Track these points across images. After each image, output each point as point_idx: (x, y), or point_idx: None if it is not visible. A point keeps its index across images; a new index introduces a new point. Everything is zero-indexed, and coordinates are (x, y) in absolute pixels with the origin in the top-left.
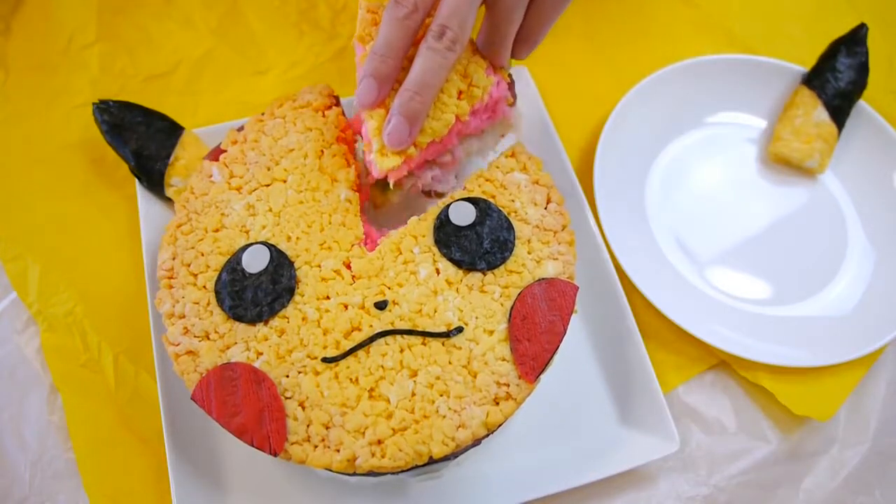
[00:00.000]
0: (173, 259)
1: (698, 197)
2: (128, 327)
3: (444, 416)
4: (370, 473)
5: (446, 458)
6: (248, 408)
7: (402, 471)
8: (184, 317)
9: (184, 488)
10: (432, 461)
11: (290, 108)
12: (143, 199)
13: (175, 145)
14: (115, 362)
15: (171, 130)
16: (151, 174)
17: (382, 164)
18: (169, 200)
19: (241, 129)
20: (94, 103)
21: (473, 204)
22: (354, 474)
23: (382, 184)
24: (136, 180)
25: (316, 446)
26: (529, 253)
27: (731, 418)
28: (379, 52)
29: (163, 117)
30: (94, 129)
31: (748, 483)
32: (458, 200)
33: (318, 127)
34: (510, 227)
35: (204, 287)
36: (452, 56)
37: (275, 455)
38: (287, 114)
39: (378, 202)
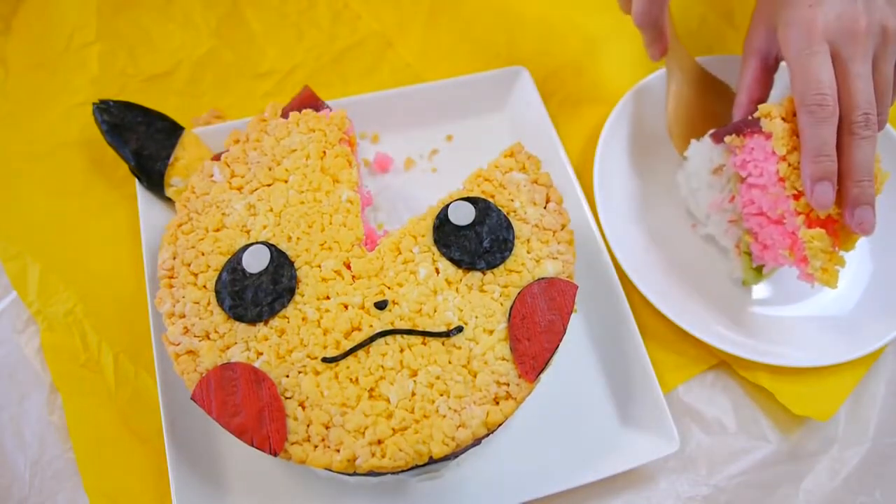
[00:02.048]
0: (174, 258)
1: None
2: (128, 327)
3: (444, 416)
4: (370, 473)
5: (446, 458)
6: (248, 408)
7: (402, 471)
8: (184, 316)
9: (184, 488)
10: (432, 461)
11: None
12: (143, 198)
13: (175, 145)
14: (115, 362)
15: (171, 130)
16: (151, 174)
17: (832, 279)
18: (169, 200)
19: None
20: (93, 103)
21: (473, 203)
22: (354, 474)
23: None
24: (136, 180)
25: (316, 446)
26: (529, 252)
27: (731, 418)
28: (820, 153)
29: (163, 117)
30: (94, 128)
31: (748, 483)
32: (457, 200)
33: (321, 128)
34: (509, 227)
35: (204, 287)
36: (876, 139)
37: (275, 455)
38: (290, 114)
39: (751, 282)
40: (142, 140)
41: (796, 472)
